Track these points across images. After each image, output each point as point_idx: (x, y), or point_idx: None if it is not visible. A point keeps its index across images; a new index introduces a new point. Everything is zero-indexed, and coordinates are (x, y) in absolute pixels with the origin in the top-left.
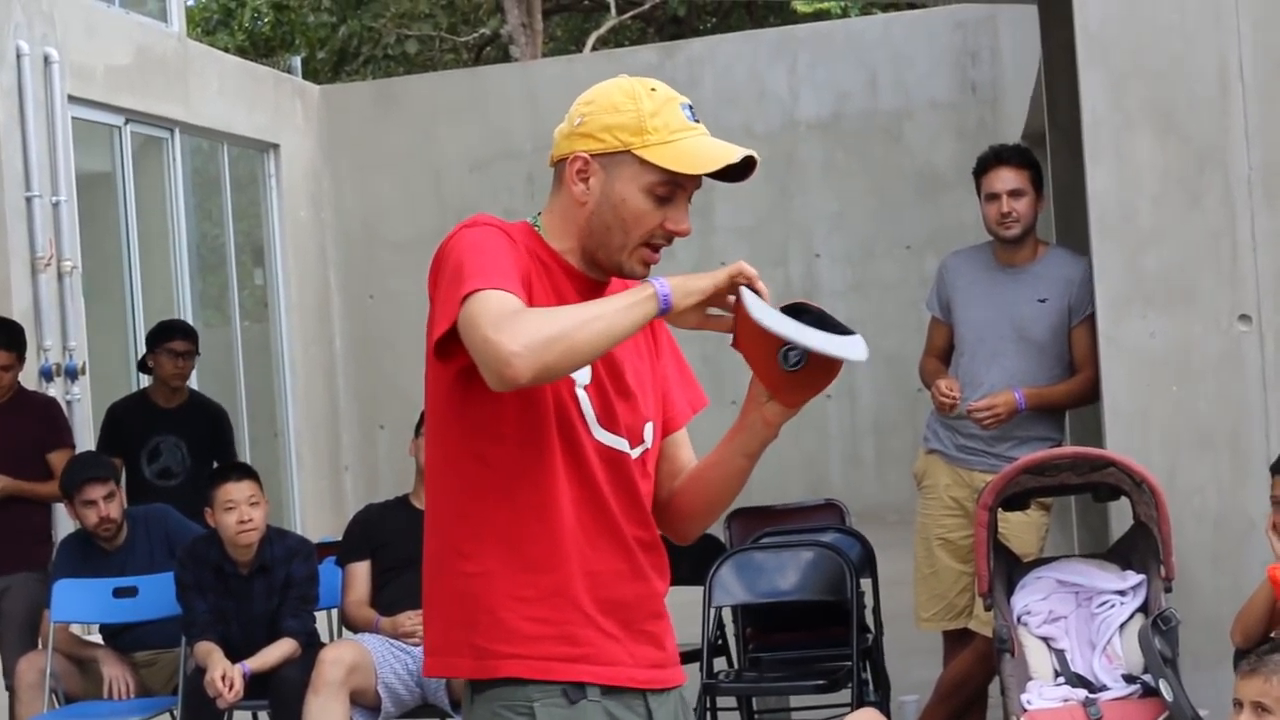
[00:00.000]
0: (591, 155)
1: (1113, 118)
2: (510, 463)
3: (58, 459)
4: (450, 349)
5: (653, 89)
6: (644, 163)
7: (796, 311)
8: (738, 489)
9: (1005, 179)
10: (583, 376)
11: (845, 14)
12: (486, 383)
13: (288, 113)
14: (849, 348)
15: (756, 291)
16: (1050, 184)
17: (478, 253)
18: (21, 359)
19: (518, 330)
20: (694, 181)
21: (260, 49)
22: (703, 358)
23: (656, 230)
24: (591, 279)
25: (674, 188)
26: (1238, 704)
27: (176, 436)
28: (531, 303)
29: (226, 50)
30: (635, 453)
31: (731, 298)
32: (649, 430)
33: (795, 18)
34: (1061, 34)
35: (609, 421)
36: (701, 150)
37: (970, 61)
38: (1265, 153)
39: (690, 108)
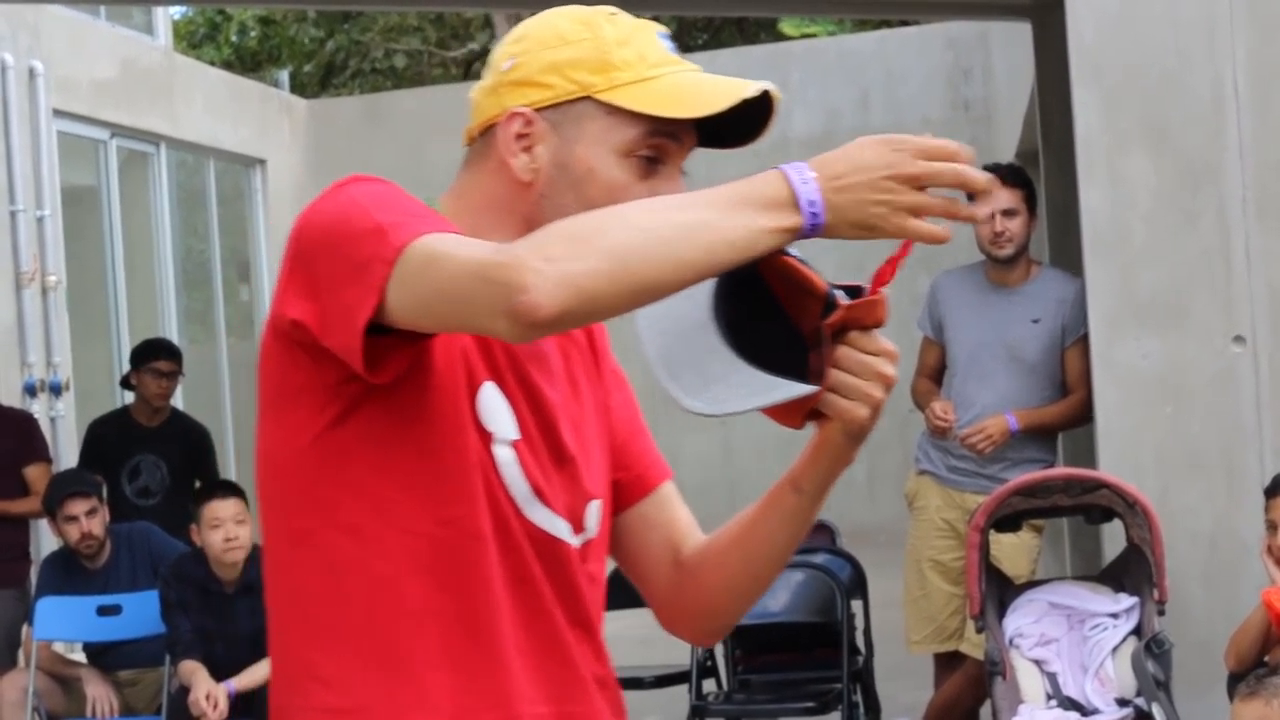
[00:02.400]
0: (535, 110)
1: (1106, 136)
2: (422, 550)
3: (34, 473)
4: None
5: (612, 13)
6: (615, 111)
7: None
8: (785, 543)
9: (998, 198)
10: (509, 429)
11: (833, 36)
12: (496, 330)
13: (274, 127)
14: (706, 397)
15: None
16: (1043, 203)
17: (389, 202)
18: None
19: (529, 243)
20: (689, 137)
21: (247, 63)
22: None
23: None
24: None
25: (664, 144)
26: None
27: (157, 455)
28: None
29: (213, 64)
30: (576, 541)
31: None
32: (594, 513)
33: (786, 38)
34: (1054, 52)
35: (546, 494)
36: (699, 87)
37: (963, 79)
38: (1259, 171)
39: (671, 39)
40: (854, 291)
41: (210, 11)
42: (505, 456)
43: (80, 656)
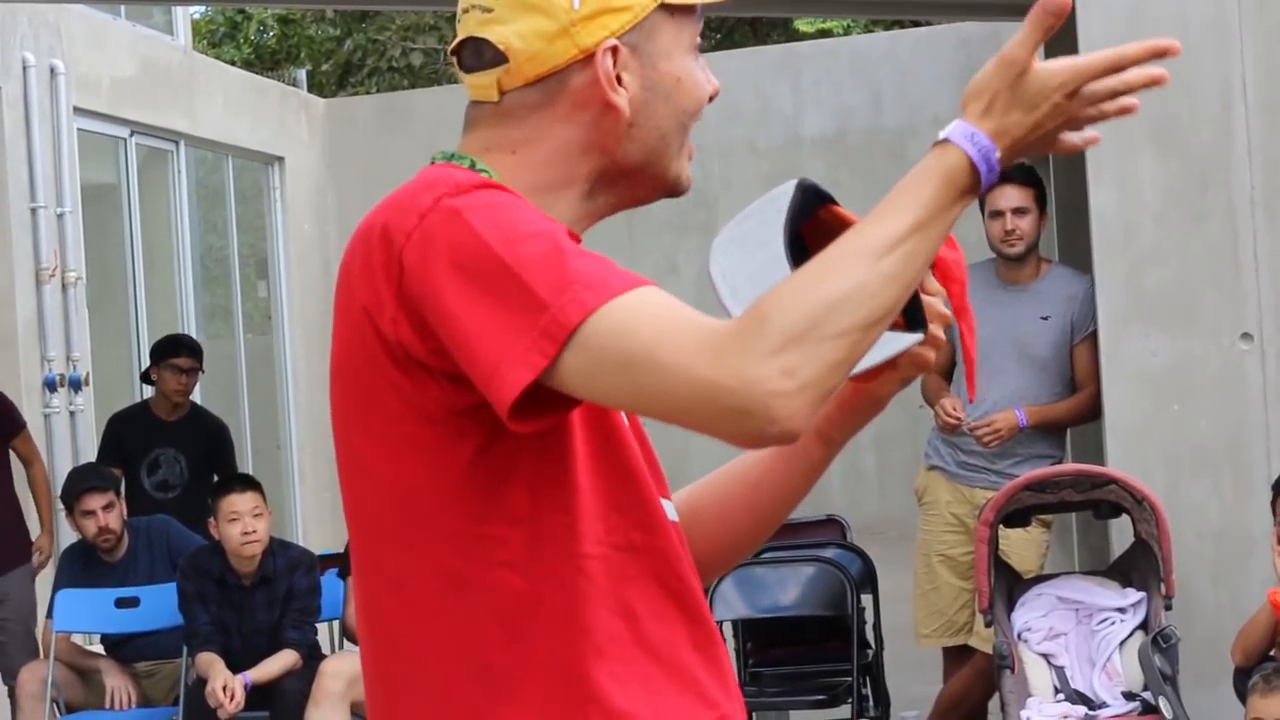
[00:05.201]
0: (619, 37)
1: (1115, 136)
2: (595, 573)
3: (22, 445)
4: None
5: None
6: (677, 11)
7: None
8: (802, 495)
9: (1009, 197)
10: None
11: (847, 33)
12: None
13: (292, 126)
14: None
15: None
16: (1053, 202)
17: (520, 242)
18: None
19: (753, 345)
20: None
21: (266, 62)
22: None
23: (705, 103)
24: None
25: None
26: None
27: (176, 450)
28: None
29: (232, 63)
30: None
31: None
32: None
33: (799, 35)
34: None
35: (659, 476)
36: None
37: None
38: (1268, 171)
39: None
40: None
41: (230, 11)
42: (633, 444)
43: (98, 648)
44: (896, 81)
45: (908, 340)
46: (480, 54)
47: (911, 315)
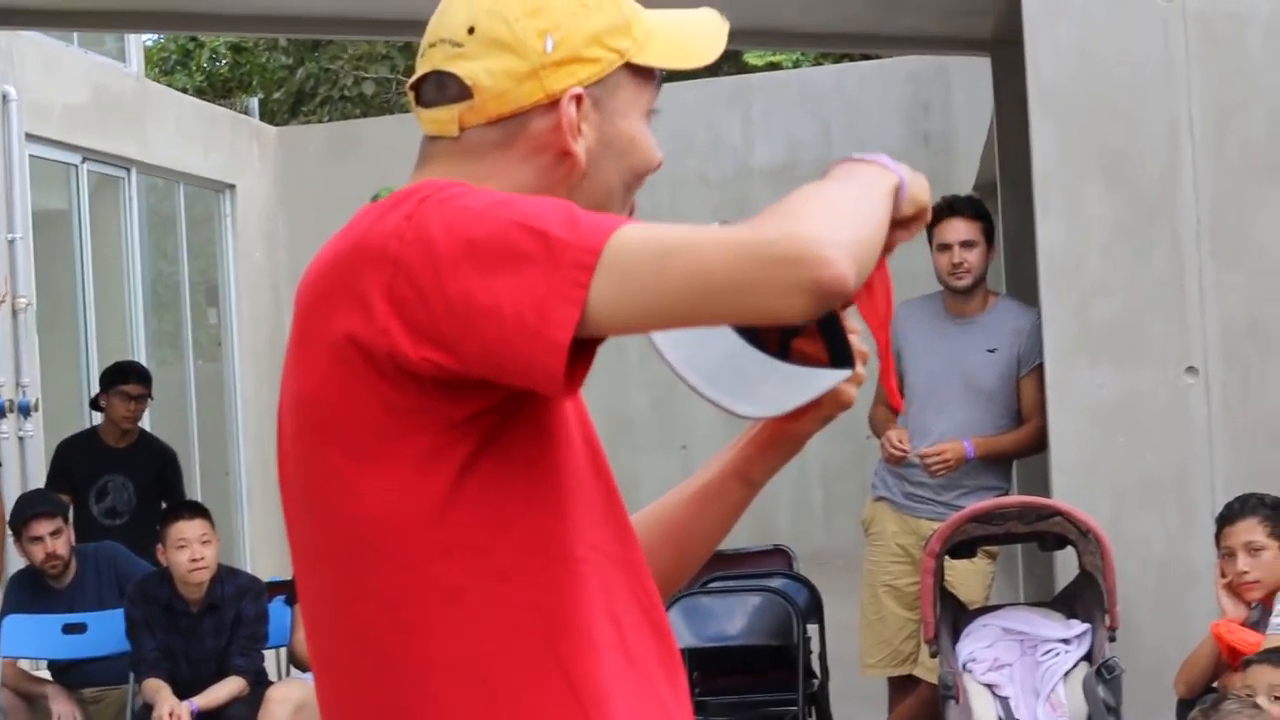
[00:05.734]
0: (585, 87)
1: (1063, 170)
2: (588, 576)
3: None
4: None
5: None
6: (639, 72)
7: None
8: (723, 535)
9: (957, 229)
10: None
11: (797, 66)
12: (774, 313)
13: (244, 154)
14: (771, 399)
15: None
16: (1001, 235)
17: (515, 203)
18: None
19: (788, 217)
20: None
21: (218, 90)
22: (653, 402)
23: (653, 170)
24: None
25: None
26: None
27: (124, 476)
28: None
29: (184, 90)
30: None
31: None
32: None
33: (749, 68)
34: (1013, 86)
35: None
36: (688, 27)
37: (923, 113)
38: (1213, 204)
39: None
40: None
41: (182, 38)
42: (605, 458)
43: (45, 674)
44: (845, 114)
45: (836, 377)
46: (444, 88)
47: (838, 352)
